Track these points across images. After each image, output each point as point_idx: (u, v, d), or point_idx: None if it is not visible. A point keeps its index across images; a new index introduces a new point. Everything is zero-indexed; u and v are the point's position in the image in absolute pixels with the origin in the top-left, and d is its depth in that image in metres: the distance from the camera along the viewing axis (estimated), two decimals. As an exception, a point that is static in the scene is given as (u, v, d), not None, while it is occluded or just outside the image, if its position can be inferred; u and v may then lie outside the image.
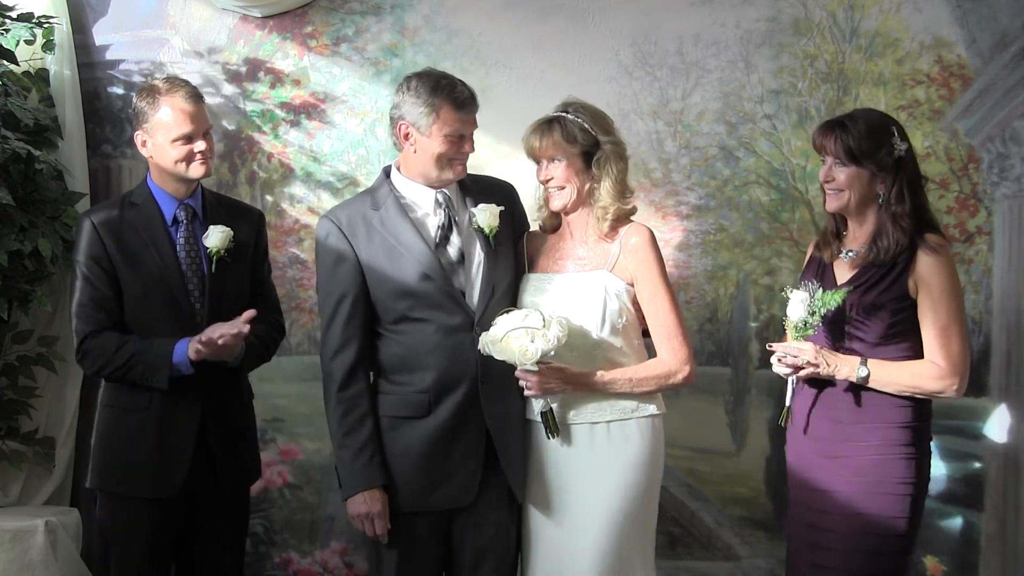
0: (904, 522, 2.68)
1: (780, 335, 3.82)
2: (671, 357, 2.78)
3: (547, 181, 2.82)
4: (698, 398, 3.87)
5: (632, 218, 2.85)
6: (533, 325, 2.64)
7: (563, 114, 2.80)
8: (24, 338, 3.74)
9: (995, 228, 3.75)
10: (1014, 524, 3.74)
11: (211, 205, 3.06)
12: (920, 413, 2.71)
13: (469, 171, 2.92)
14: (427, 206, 2.84)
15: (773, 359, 2.77)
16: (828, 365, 2.68)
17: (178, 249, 2.97)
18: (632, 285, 2.78)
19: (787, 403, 2.80)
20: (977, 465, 3.76)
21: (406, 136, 2.79)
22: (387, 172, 2.90)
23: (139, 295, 2.94)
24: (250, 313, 2.86)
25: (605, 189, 2.79)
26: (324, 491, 3.95)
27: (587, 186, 2.81)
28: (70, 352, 3.74)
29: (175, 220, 2.99)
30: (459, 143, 2.79)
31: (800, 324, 2.71)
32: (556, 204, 2.83)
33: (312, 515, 3.97)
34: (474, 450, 2.78)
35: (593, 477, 2.74)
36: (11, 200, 3.46)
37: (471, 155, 2.86)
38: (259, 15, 3.93)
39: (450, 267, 2.80)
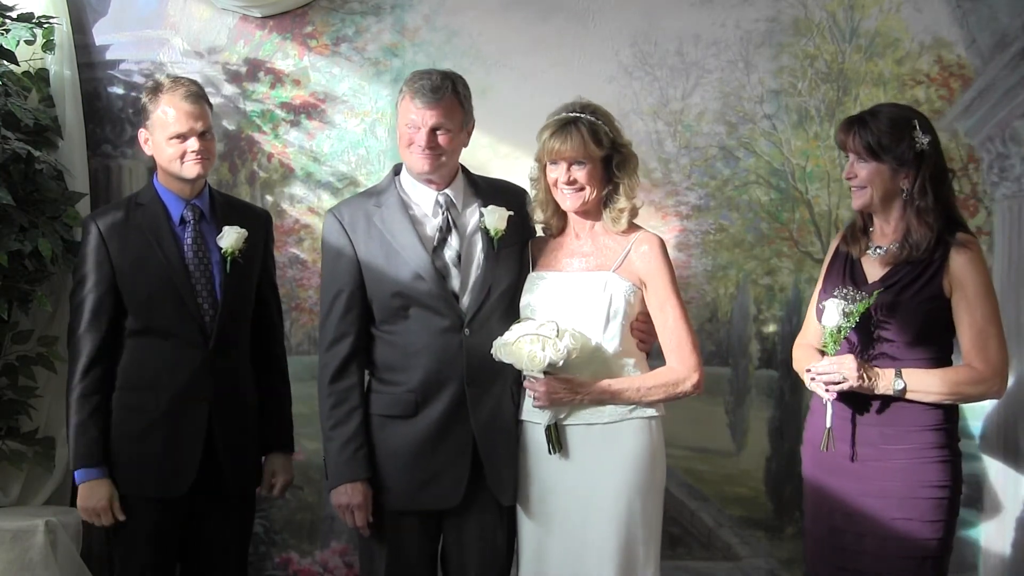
0: (941, 526, 2.63)
1: (780, 334, 3.84)
2: (680, 365, 2.77)
3: (571, 183, 2.75)
4: (698, 398, 3.79)
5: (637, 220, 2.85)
6: (546, 334, 2.65)
7: (582, 115, 2.75)
8: (24, 338, 3.73)
9: (995, 228, 3.74)
10: (1014, 524, 3.74)
11: (220, 206, 3.06)
12: (950, 414, 2.66)
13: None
14: (427, 207, 2.84)
15: (807, 379, 2.70)
16: (868, 380, 2.62)
17: (185, 250, 2.97)
18: (639, 287, 2.77)
19: (827, 424, 2.69)
20: (977, 465, 3.75)
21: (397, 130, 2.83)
22: (396, 171, 2.91)
23: (144, 298, 2.94)
24: None
25: (623, 191, 2.78)
26: (324, 491, 3.93)
27: (606, 189, 2.79)
28: (70, 352, 3.77)
29: (182, 220, 2.99)
30: (414, 132, 2.77)
31: (835, 330, 2.65)
32: (575, 205, 2.78)
33: (312, 515, 3.96)
34: (461, 452, 2.78)
35: (591, 479, 2.72)
36: (11, 200, 3.45)
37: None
38: (259, 15, 3.93)
39: (445, 269, 2.80)
